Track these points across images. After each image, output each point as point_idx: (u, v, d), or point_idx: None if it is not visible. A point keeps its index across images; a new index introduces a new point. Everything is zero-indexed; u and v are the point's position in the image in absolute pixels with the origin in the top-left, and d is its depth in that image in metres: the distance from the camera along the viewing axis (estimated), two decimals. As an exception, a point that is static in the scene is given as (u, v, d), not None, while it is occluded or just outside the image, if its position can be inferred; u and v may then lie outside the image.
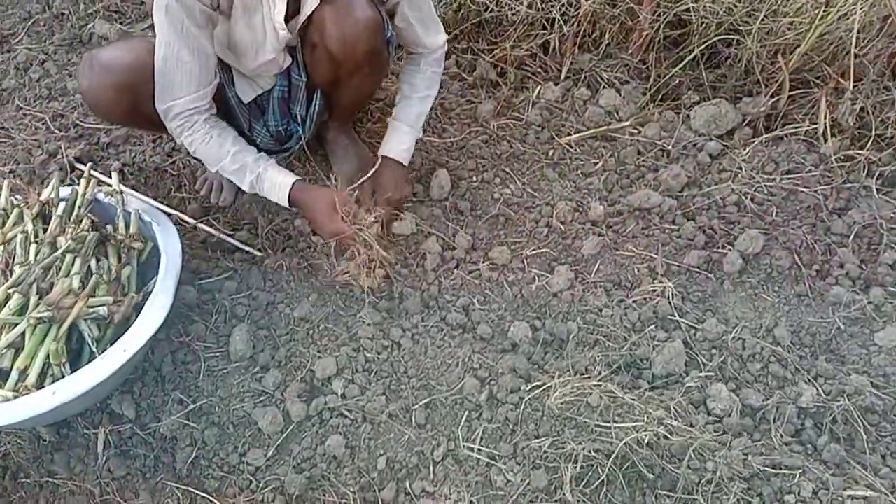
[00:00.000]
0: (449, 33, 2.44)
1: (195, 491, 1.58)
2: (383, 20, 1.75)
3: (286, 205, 1.82)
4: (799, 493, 1.47)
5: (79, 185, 1.82)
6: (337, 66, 1.76)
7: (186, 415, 1.65)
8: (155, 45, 1.63)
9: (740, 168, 2.03)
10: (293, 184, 1.79)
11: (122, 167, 2.13)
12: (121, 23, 2.61)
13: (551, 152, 2.16)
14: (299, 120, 1.95)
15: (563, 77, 2.35)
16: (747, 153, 2.06)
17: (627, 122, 2.19)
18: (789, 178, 1.99)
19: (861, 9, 1.92)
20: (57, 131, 2.26)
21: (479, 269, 1.91)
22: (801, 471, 1.49)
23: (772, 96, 2.14)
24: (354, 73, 1.80)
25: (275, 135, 1.96)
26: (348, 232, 1.75)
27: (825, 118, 2.05)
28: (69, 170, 2.13)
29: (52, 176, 2.11)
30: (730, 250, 1.87)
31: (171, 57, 1.62)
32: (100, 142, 2.23)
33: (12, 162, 2.18)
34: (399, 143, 1.95)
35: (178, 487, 1.59)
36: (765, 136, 2.10)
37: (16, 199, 1.79)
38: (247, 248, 1.96)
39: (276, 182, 1.79)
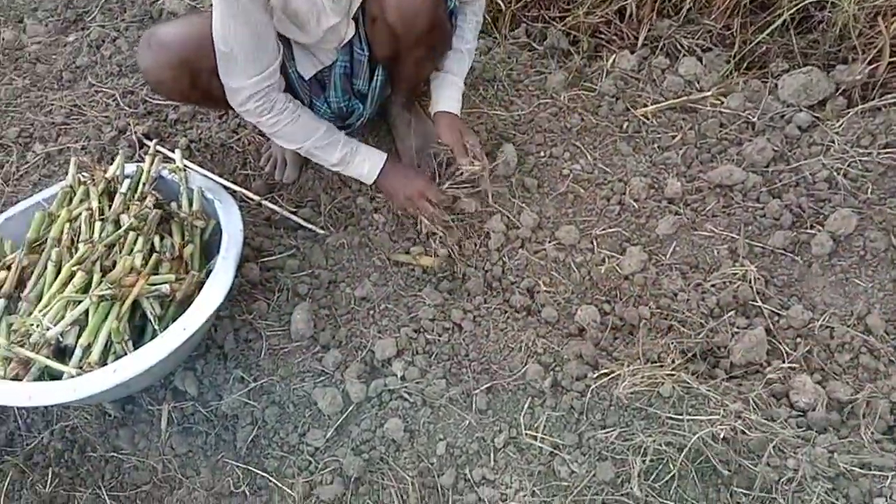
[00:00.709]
0: (518, 1, 2.35)
1: (255, 470, 1.57)
2: None
3: (371, 181, 1.82)
4: (891, 497, 1.35)
5: (144, 161, 1.83)
6: (397, 40, 1.69)
7: (247, 393, 1.64)
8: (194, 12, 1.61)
9: (833, 141, 1.87)
10: (386, 160, 1.81)
11: (189, 144, 2.13)
12: (190, -2, 2.61)
13: (625, 125, 2.04)
14: (361, 96, 1.90)
15: (639, 45, 2.21)
16: (841, 125, 1.89)
17: (709, 93, 2.05)
18: (887, 153, 1.82)
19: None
20: (126, 108, 2.28)
21: (545, 250, 1.82)
22: (893, 473, 1.37)
23: (869, 63, 1.95)
24: (415, 47, 1.72)
25: (336, 112, 1.91)
26: (433, 213, 1.81)
27: (931, 86, 1.87)
28: (138, 146, 2.14)
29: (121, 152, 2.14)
30: (819, 231, 1.73)
31: (229, 37, 1.55)
32: (168, 118, 2.23)
33: (83, 139, 2.21)
34: (451, 97, 1.87)
35: (238, 466, 1.58)
36: (861, 106, 1.93)
37: (83, 175, 1.81)
38: (310, 226, 1.93)
39: (371, 156, 1.80)
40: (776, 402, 1.51)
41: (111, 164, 1.90)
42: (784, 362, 1.57)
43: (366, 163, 1.80)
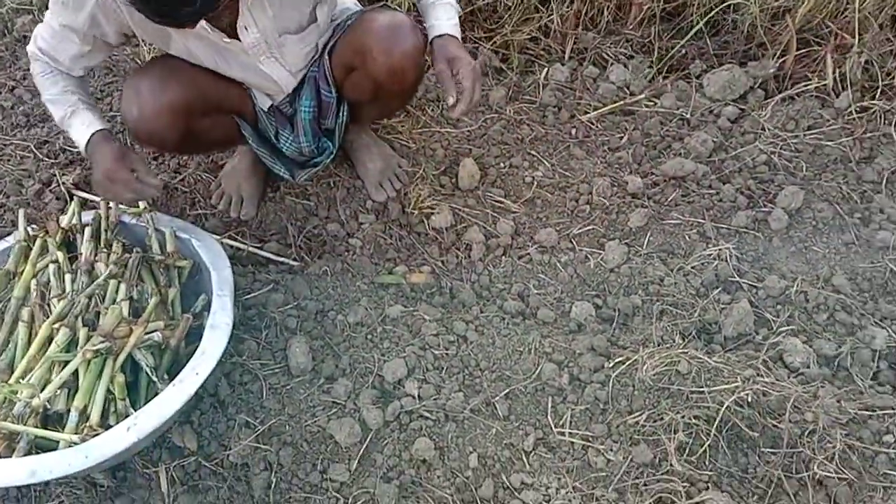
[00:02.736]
0: (443, 24, 2.40)
1: (279, 517, 1.47)
2: (425, 38, 1.65)
3: (83, 150, 1.65)
4: (896, 433, 1.48)
5: (99, 208, 1.69)
6: (377, 89, 1.68)
7: (256, 438, 1.53)
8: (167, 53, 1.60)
9: (763, 129, 2.06)
10: (97, 131, 1.62)
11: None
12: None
13: (573, 131, 2.14)
14: (328, 133, 1.87)
15: (567, 57, 2.33)
16: (766, 114, 2.09)
17: (642, 96, 2.19)
18: (811, 134, 2.03)
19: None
20: (46, 158, 2.09)
21: (528, 254, 1.86)
22: (894, 410, 1.51)
23: (778, 57, 2.17)
24: (396, 95, 1.75)
25: (307, 153, 1.87)
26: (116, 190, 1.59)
27: (833, 73, 2.10)
28: (68, 197, 1.97)
29: (51, 205, 1.96)
30: (772, 208, 1.88)
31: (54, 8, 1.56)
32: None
33: (1, 195, 2.00)
34: (447, 17, 1.68)
35: (259, 516, 1.47)
36: (778, 96, 2.14)
37: (32, 228, 1.64)
38: (281, 259, 1.85)
39: (86, 121, 1.63)
40: (774, 365, 1.62)
41: (46, 215, 1.75)
42: (771, 329, 1.68)
43: (80, 129, 1.64)
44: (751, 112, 2.11)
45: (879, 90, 2.08)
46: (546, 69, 2.29)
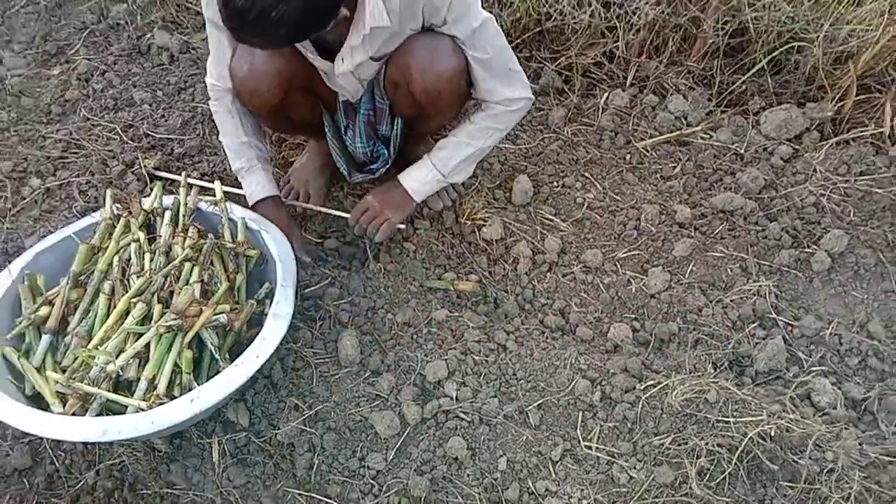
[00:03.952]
0: (510, 42, 2.49)
1: (318, 496, 1.58)
2: (467, 62, 1.72)
3: (251, 204, 1.93)
4: (916, 481, 1.52)
5: (178, 194, 1.82)
6: (419, 107, 1.79)
7: (303, 421, 1.65)
8: None
9: (815, 170, 2.10)
10: (268, 196, 1.92)
11: (200, 177, 2.13)
12: (180, 33, 2.60)
13: (628, 157, 2.21)
14: (384, 140, 1.98)
15: (629, 84, 2.40)
16: (819, 156, 2.13)
17: (698, 128, 2.25)
18: (863, 180, 2.06)
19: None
20: (130, 142, 2.25)
21: (572, 272, 1.94)
22: (917, 460, 1.55)
23: (837, 101, 2.21)
24: (436, 114, 1.84)
25: (363, 155, 1.99)
26: None
27: (891, 121, 2.13)
28: (148, 179, 2.12)
29: (131, 185, 2.11)
30: (816, 249, 1.93)
31: (210, 42, 1.80)
32: (174, 152, 2.22)
33: (87, 173, 2.16)
34: (416, 175, 1.90)
35: (300, 494, 1.59)
36: (833, 139, 2.17)
37: (117, 207, 1.79)
38: (339, 214, 2.02)
39: (260, 183, 1.92)
40: (801, 403, 1.67)
41: (133, 196, 1.89)
42: (802, 367, 1.73)
43: (251, 187, 1.93)
44: (804, 153, 2.15)
45: (936, 141, 2.10)
46: (607, 94, 2.36)
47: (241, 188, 1.95)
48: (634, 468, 1.58)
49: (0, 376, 1.53)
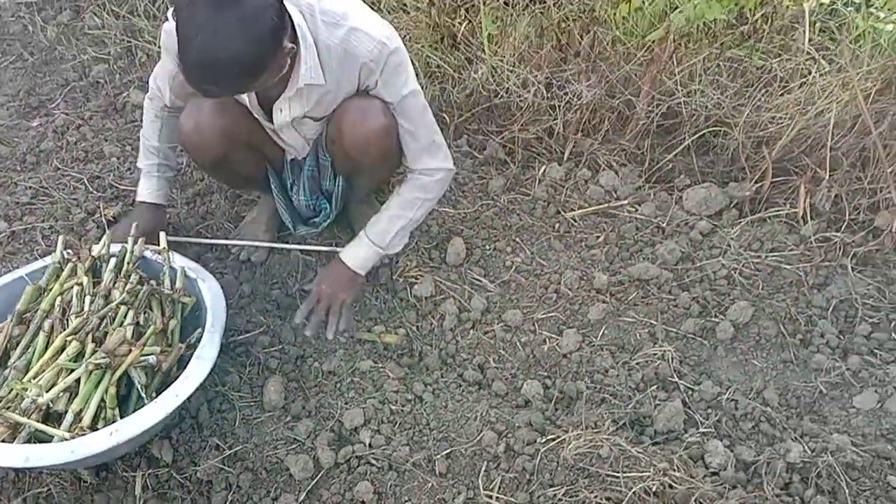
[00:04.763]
0: (460, 115, 2.68)
1: (230, 533, 1.68)
2: (396, 124, 1.88)
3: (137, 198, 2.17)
4: (791, 541, 1.61)
5: (127, 242, 1.96)
6: (353, 161, 1.95)
7: (222, 460, 1.75)
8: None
9: (729, 245, 2.24)
10: (144, 202, 2.14)
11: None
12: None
13: (557, 226, 2.36)
14: (327, 195, 2.14)
15: (565, 158, 2.57)
16: (735, 232, 2.28)
17: (625, 201, 2.40)
18: (773, 256, 2.20)
19: (836, 107, 2.17)
20: (94, 192, 2.40)
21: (493, 330, 2.07)
22: (791, 520, 1.64)
23: (756, 182, 2.37)
24: (369, 168, 1.99)
25: (306, 209, 2.15)
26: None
27: (804, 203, 2.28)
28: (107, 227, 2.26)
29: (90, 233, 2.26)
30: (722, 319, 2.06)
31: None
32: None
33: (51, 219, 2.31)
34: (356, 252, 2.04)
35: (213, 529, 1.68)
36: (750, 217, 2.32)
37: (68, 253, 1.92)
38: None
39: (144, 186, 2.15)
40: (694, 463, 1.77)
41: (85, 243, 2.04)
42: (698, 429, 1.84)
43: (143, 188, 2.15)
44: (721, 228, 2.30)
45: (845, 223, 2.25)
46: (544, 167, 2.53)
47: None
48: (529, 518, 1.67)
49: (-62, 404, 1.64)
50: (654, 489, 1.63)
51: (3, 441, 1.56)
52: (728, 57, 2.40)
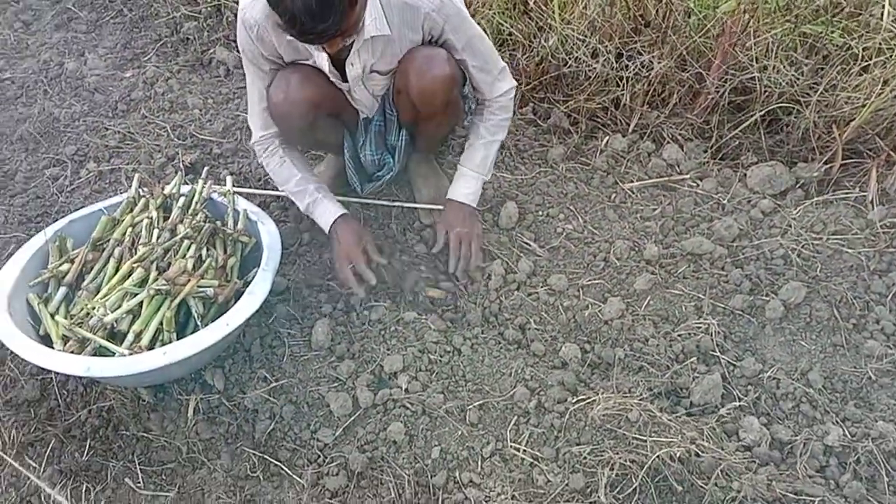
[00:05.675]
0: (528, 83, 2.70)
1: (269, 459, 1.78)
2: (462, 74, 1.98)
3: (327, 231, 2.10)
4: (818, 519, 1.59)
5: (196, 184, 2.10)
6: (417, 111, 2.02)
7: (269, 391, 1.86)
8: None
9: (790, 226, 2.18)
10: (338, 216, 2.08)
11: (231, 174, 2.40)
12: (238, 50, 2.93)
13: (613, 196, 2.36)
14: (391, 149, 2.21)
15: (630, 130, 2.55)
16: (798, 213, 2.21)
17: (687, 176, 2.37)
18: (835, 239, 2.13)
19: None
20: (176, 139, 2.56)
21: (537, 293, 2.10)
22: (821, 499, 1.62)
23: (825, 163, 2.29)
24: (432, 117, 2.06)
25: (371, 163, 2.22)
26: (345, 279, 2.04)
27: (875, 187, 2.19)
28: (184, 173, 2.41)
29: (169, 176, 2.41)
30: (773, 298, 2.02)
31: (250, 94, 2.04)
32: (212, 152, 2.52)
33: (135, 162, 2.48)
34: (465, 187, 2.16)
35: (254, 454, 1.79)
36: (815, 198, 2.25)
37: (143, 190, 2.07)
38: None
39: (327, 209, 2.10)
40: (727, 437, 1.76)
41: (164, 184, 2.18)
42: (736, 404, 1.82)
43: (323, 216, 2.10)
44: (784, 209, 2.24)
45: (917, 210, 2.16)
46: (607, 138, 2.52)
47: (254, 188, 2.22)
48: (552, 472, 1.71)
49: (21, 317, 1.82)
50: (678, 455, 1.64)
51: (72, 352, 1.72)
52: (804, 32, 2.32)
